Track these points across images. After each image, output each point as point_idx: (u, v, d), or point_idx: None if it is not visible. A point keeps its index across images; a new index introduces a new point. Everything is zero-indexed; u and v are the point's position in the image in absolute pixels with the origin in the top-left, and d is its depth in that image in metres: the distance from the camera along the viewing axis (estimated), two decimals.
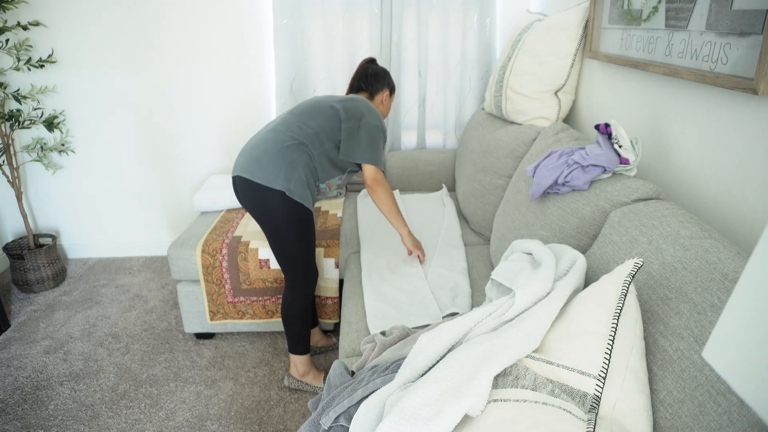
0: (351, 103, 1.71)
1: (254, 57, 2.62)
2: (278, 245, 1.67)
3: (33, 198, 2.88)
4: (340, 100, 1.72)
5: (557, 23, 1.85)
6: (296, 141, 1.62)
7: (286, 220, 1.62)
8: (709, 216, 1.22)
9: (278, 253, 1.69)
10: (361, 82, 1.86)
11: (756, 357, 0.39)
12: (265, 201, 1.60)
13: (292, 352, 1.82)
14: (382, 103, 1.89)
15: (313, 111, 1.69)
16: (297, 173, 1.60)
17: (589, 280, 1.10)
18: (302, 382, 1.84)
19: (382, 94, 1.87)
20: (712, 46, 1.12)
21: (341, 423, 1.00)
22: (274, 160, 1.59)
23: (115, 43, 2.57)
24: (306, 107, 1.71)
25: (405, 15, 2.50)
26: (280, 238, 1.66)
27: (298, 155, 1.61)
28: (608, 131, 1.29)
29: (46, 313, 2.43)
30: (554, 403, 0.74)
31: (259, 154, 1.61)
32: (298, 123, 1.65)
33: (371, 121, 1.69)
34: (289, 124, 1.66)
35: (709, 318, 0.78)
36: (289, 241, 1.66)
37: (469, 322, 0.97)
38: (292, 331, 1.78)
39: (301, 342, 1.80)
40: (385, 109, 1.91)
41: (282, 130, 1.64)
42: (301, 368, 1.83)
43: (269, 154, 1.60)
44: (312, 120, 1.66)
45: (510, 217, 1.65)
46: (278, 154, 1.60)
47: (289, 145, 1.61)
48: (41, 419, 1.79)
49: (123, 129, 2.75)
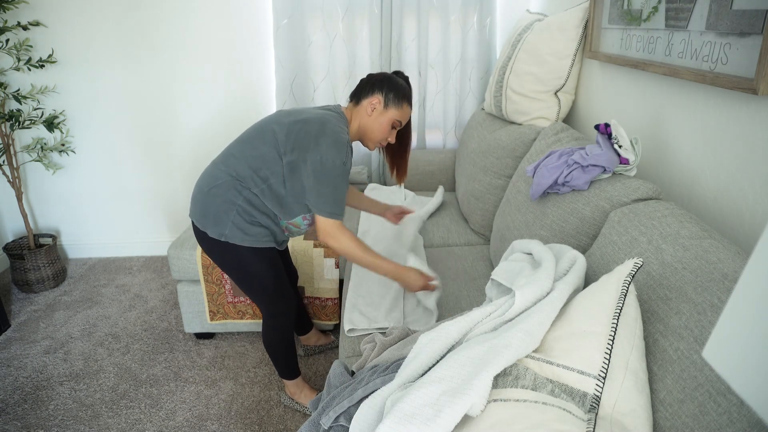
0: (302, 126, 1.38)
1: (254, 57, 2.62)
2: (240, 286, 1.56)
3: (33, 198, 2.88)
4: (289, 123, 1.40)
5: (557, 23, 1.85)
6: (230, 177, 1.41)
7: (226, 265, 1.50)
8: (709, 216, 1.22)
9: (243, 291, 1.59)
10: (354, 92, 1.51)
11: (756, 357, 0.39)
12: (209, 245, 1.48)
13: (281, 378, 1.78)
14: (369, 114, 1.47)
15: (256, 138, 1.42)
16: (233, 214, 1.41)
17: (589, 280, 1.10)
18: (293, 401, 1.81)
19: (370, 100, 1.45)
20: (712, 46, 1.12)
21: (341, 423, 1.00)
22: (205, 202, 1.43)
23: (115, 43, 2.57)
24: (251, 133, 1.45)
25: (405, 15, 2.50)
26: (238, 280, 1.54)
27: (231, 194, 1.40)
28: (608, 131, 1.30)
29: (46, 313, 2.43)
30: (554, 403, 0.74)
31: (196, 193, 1.48)
32: (238, 154, 1.43)
33: (323, 155, 1.33)
34: (228, 155, 1.45)
35: (709, 318, 0.78)
36: (248, 281, 1.54)
37: (469, 322, 0.97)
38: (277, 359, 1.72)
39: (288, 367, 1.74)
40: (375, 125, 1.47)
41: (218, 163, 1.45)
42: (291, 389, 1.79)
43: (203, 194, 1.45)
44: (254, 149, 1.40)
45: (510, 217, 1.65)
46: (209, 194, 1.43)
47: (220, 184, 1.42)
48: (41, 419, 1.79)
49: (123, 129, 2.75)
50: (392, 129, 1.51)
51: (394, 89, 1.46)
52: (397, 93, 1.46)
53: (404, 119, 1.51)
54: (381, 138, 1.50)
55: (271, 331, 1.67)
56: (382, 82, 1.47)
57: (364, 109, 1.48)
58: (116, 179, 2.85)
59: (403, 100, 1.47)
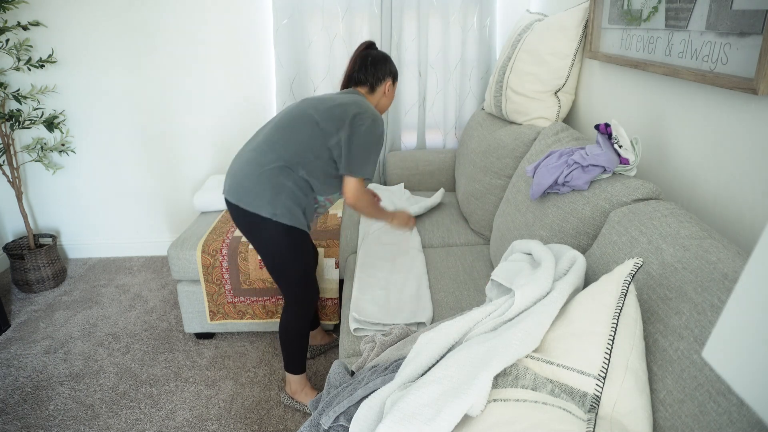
0: (343, 108, 1.54)
1: (254, 57, 2.62)
2: (273, 269, 1.62)
3: (33, 198, 2.88)
4: (330, 108, 1.55)
5: (557, 23, 1.85)
6: (280, 162, 1.51)
7: (277, 245, 1.56)
8: (709, 216, 1.22)
9: (274, 276, 1.64)
10: (360, 74, 1.65)
11: (756, 357, 0.39)
12: (254, 226, 1.54)
13: (287, 371, 1.77)
14: (384, 95, 1.69)
15: (297, 123, 1.54)
16: (283, 196, 1.51)
17: (589, 280, 1.10)
18: (293, 400, 1.80)
19: (385, 85, 1.67)
20: (712, 46, 1.12)
21: (341, 423, 1.00)
22: (257, 185, 1.51)
23: (115, 43, 2.57)
24: (288, 120, 1.56)
25: (405, 15, 2.50)
26: (273, 262, 1.60)
27: (283, 177, 1.51)
28: (608, 131, 1.30)
29: (46, 313, 2.43)
30: (554, 403, 0.74)
31: (242, 178, 1.53)
32: (281, 141, 1.53)
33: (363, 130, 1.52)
34: (272, 142, 1.54)
35: (709, 318, 0.78)
36: (284, 264, 1.60)
37: (469, 321, 0.97)
38: (289, 351, 1.73)
39: (297, 361, 1.75)
40: (388, 101, 1.73)
41: (265, 150, 1.53)
42: (293, 386, 1.79)
43: (252, 178, 1.51)
44: (295, 135, 1.53)
45: (510, 217, 1.65)
46: (261, 177, 1.51)
47: (272, 168, 1.51)
48: (41, 419, 1.79)
49: (123, 129, 2.75)
50: None
51: (394, 72, 1.71)
52: (392, 69, 1.71)
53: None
54: (388, 107, 1.78)
55: (292, 319, 1.70)
56: (385, 64, 1.68)
57: (380, 93, 1.70)
58: (116, 179, 2.85)
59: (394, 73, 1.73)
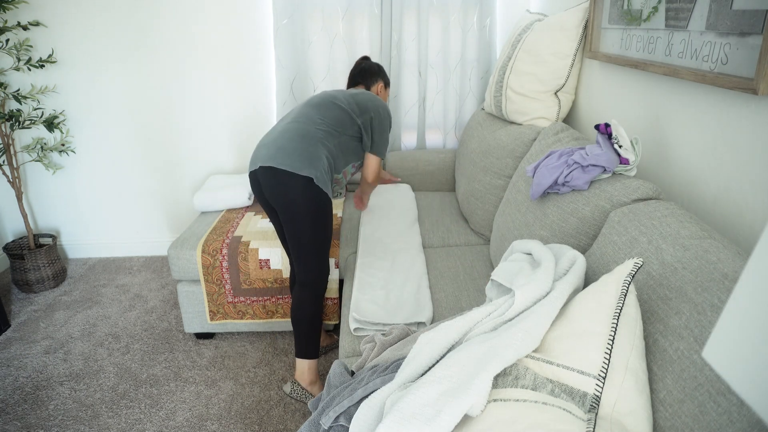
0: (361, 96, 1.80)
1: (254, 57, 2.62)
2: (298, 234, 1.64)
3: (33, 198, 2.88)
4: (351, 94, 1.80)
5: (557, 23, 1.85)
6: (319, 131, 1.67)
7: (310, 207, 1.61)
8: (709, 216, 1.22)
9: (297, 242, 1.65)
10: (357, 77, 2.01)
11: (756, 357, 0.39)
12: (291, 188, 1.59)
13: (302, 356, 1.71)
14: (377, 94, 2.01)
15: (328, 103, 1.74)
16: (321, 162, 1.63)
17: (589, 280, 1.10)
18: (307, 392, 1.75)
19: (377, 86, 2.02)
20: (712, 46, 1.12)
21: (341, 423, 1.00)
22: (300, 149, 1.61)
23: (115, 43, 2.57)
24: (320, 100, 1.76)
25: (405, 15, 2.50)
26: (301, 227, 1.63)
27: (321, 145, 1.65)
28: (608, 131, 1.29)
29: (46, 313, 2.43)
30: (554, 403, 0.74)
31: (284, 142, 1.62)
32: (317, 115, 1.70)
33: (382, 113, 1.80)
34: (309, 116, 1.70)
35: (709, 318, 0.78)
36: (312, 229, 1.64)
37: (469, 321, 0.97)
38: (302, 332, 1.70)
39: (311, 343, 1.71)
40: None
41: (304, 121, 1.68)
42: (309, 376, 1.73)
43: (295, 142, 1.62)
44: (329, 111, 1.72)
45: (510, 217, 1.65)
46: (303, 142, 1.62)
47: (312, 136, 1.65)
48: (41, 419, 1.79)
49: (123, 129, 2.75)
50: None
51: (385, 77, 2.06)
52: (384, 77, 2.05)
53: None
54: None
55: (307, 300, 1.71)
56: (376, 71, 2.03)
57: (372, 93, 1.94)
58: (116, 179, 2.85)
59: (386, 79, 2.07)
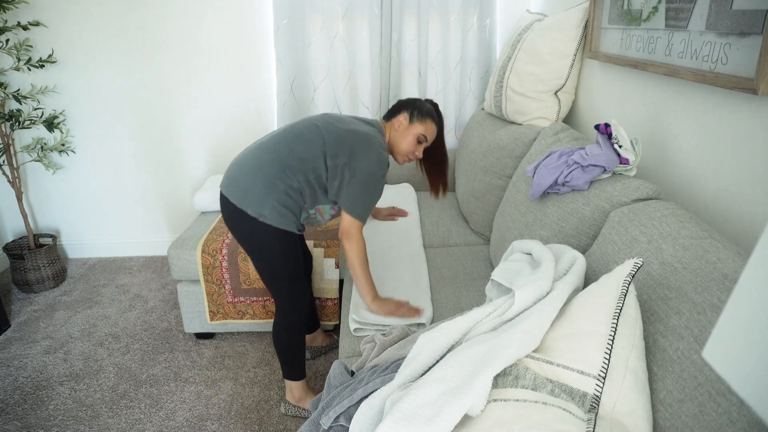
0: (353, 136, 1.53)
1: (254, 57, 2.62)
2: (259, 269, 1.60)
3: (33, 198, 2.88)
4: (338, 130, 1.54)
5: (557, 23, 1.85)
6: (277, 164, 1.50)
7: (254, 244, 1.54)
8: (709, 216, 1.22)
9: (263, 278, 1.61)
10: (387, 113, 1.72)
11: (756, 357, 0.39)
12: (237, 222, 1.52)
13: (287, 378, 1.74)
14: (395, 128, 1.66)
15: (307, 134, 1.54)
16: (273, 197, 1.48)
17: (589, 280, 1.10)
18: (299, 408, 1.77)
19: (398, 118, 1.66)
20: (712, 46, 1.12)
21: (341, 423, 1.00)
22: (251, 182, 1.49)
23: (115, 43, 2.57)
24: (300, 128, 1.56)
25: (405, 15, 2.50)
26: (259, 262, 1.58)
27: (278, 179, 1.49)
28: (608, 131, 1.29)
29: (46, 313, 2.43)
30: (554, 403, 0.74)
31: (238, 172, 1.52)
32: (287, 144, 1.52)
33: (365, 166, 1.50)
34: (275, 143, 1.54)
35: (709, 318, 0.78)
36: (261, 265, 1.58)
37: (469, 321, 0.97)
38: (284, 356, 1.69)
39: (295, 367, 1.71)
40: (400, 137, 1.66)
41: (268, 149, 1.53)
42: (297, 394, 1.75)
43: (249, 174, 1.50)
44: (304, 145, 1.52)
45: (510, 217, 1.65)
46: (257, 174, 1.49)
47: (267, 169, 1.49)
48: (41, 419, 1.79)
49: (123, 129, 2.75)
50: (418, 143, 1.66)
51: (417, 108, 1.66)
52: (420, 111, 1.66)
53: (428, 134, 1.67)
54: (407, 151, 1.67)
55: (281, 326, 1.66)
56: (408, 103, 1.68)
57: (392, 126, 1.67)
58: (116, 179, 2.85)
59: (426, 117, 1.66)
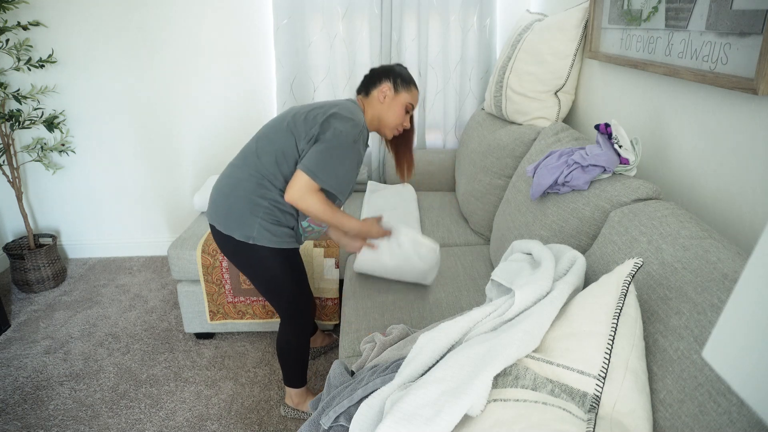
0: (319, 109, 1.43)
1: (254, 57, 2.62)
2: (263, 292, 1.56)
3: (33, 198, 2.88)
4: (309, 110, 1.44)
5: (557, 23, 1.85)
6: (252, 177, 1.40)
7: (246, 263, 1.48)
8: (709, 216, 1.22)
9: (266, 298, 1.58)
10: (359, 88, 1.58)
11: (756, 357, 0.39)
12: (233, 249, 1.46)
13: (288, 385, 1.73)
14: (381, 101, 1.52)
15: (272, 132, 1.44)
16: (259, 215, 1.40)
17: (589, 280, 1.10)
18: (298, 411, 1.76)
19: (380, 89, 1.51)
20: (712, 46, 1.12)
21: (341, 423, 1.00)
22: (230, 203, 1.42)
23: (115, 43, 2.57)
24: (267, 129, 1.47)
25: (405, 15, 2.50)
26: (262, 287, 1.54)
27: (256, 195, 1.39)
28: (608, 131, 1.29)
29: (46, 313, 2.43)
30: (554, 403, 0.74)
31: (216, 195, 1.46)
32: (255, 153, 1.43)
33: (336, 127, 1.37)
34: (246, 155, 1.45)
35: (709, 318, 0.78)
36: (257, 282, 1.53)
37: (469, 321, 0.97)
38: (287, 365, 1.67)
39: (297, 375, 1.70)
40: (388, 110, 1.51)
41: (240, 165, 1.44)
42: (296, 399, 1.75)
43: (225, 197, 1.43)
44: (272, 144, 1.41)
45: (510, 217, 1.65)
46: (233, 196, 1.42)
47: (244, 185, 1.41)
48: (41, 419, 1.79)
49: (123, 129, 2.75)
50: (406, 113, 1.56)
51: (399, 75, 1.53)
52: (403, 78, 1.53)
53: (415, 101, 1.56)
54: (397, 123, 1.55)
55: (291, 337, 1.64)
56: (386, 71, 1.54)
57: (375, 99, 1.53)
58: (116, 179, 2.85)
59: (410, 83, 1.55)
